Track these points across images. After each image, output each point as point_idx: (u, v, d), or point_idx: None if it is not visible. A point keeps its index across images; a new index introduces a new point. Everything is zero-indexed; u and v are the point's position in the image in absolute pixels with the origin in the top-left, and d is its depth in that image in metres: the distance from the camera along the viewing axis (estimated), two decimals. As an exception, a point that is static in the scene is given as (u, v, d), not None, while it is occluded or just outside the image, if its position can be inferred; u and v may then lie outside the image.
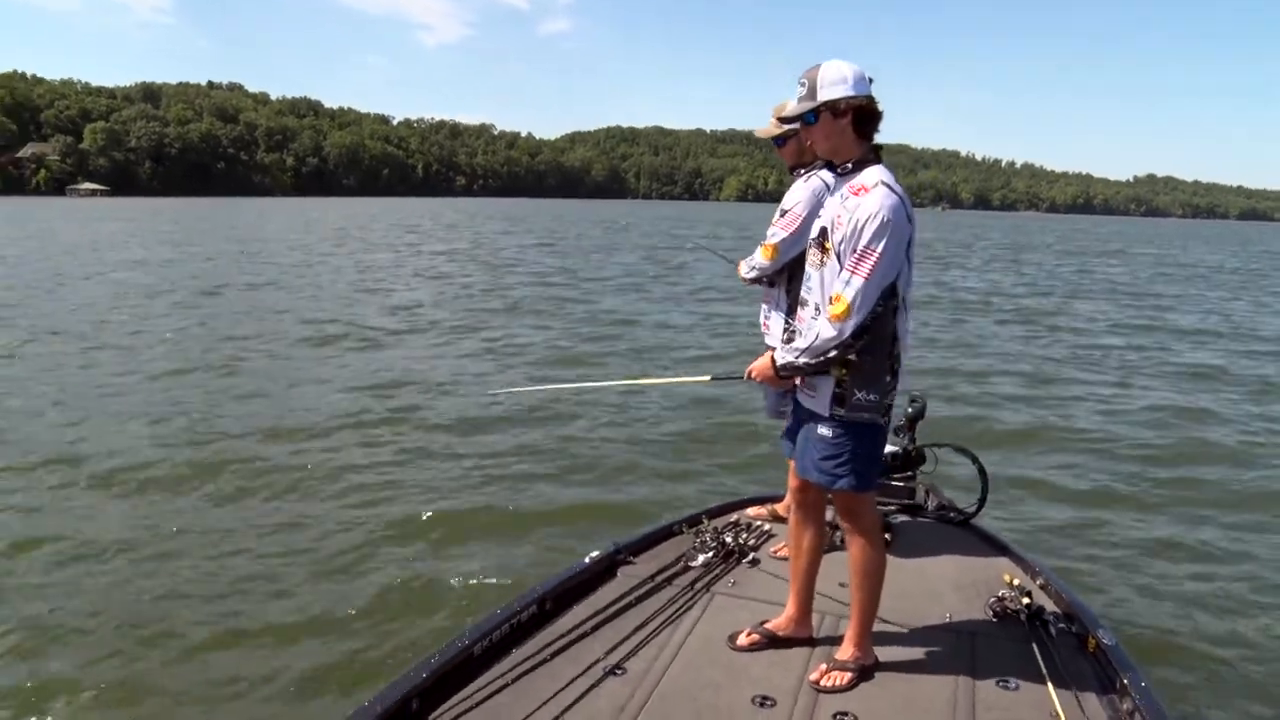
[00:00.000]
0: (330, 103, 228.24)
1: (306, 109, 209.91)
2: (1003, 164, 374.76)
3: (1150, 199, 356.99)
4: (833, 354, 2.85)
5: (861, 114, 2.89)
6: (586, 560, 3.85)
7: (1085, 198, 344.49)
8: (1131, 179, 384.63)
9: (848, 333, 2.81)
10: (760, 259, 3.92)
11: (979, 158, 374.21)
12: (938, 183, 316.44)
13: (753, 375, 3.23)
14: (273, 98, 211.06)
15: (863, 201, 2.82)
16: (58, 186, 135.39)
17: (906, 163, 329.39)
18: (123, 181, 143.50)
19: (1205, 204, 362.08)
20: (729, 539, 4.13)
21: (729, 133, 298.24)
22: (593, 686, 2.95)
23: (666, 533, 4.28)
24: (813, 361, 2.91)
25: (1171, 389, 12.05)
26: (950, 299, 22.08)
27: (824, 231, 2.96)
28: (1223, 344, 16.24)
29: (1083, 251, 50.23)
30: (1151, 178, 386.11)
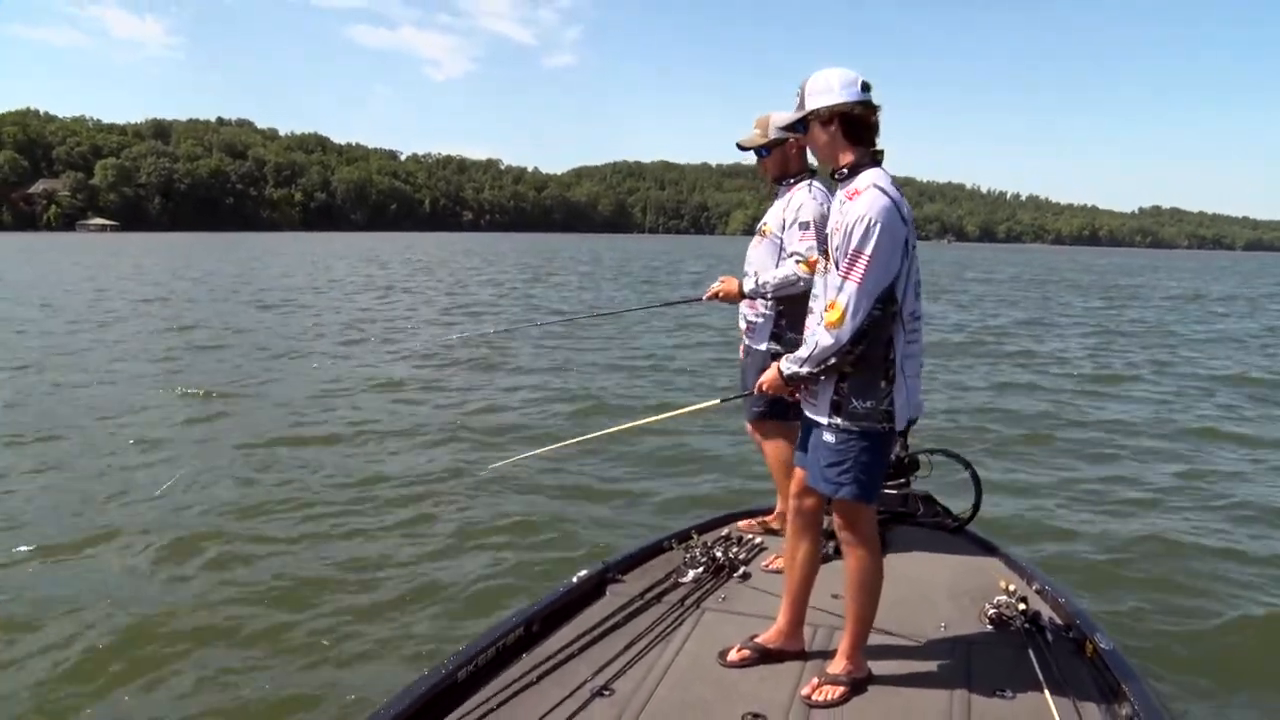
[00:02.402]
0: (338, 138, 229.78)
1: (314, 144, 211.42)
2: (1008, 196, 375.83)
3: (1156, 230, 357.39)
4: (832, 361, 2.87)
5: (847, 120, 2.89)
6: (574, 580, 3.81)
7: (1091, 229, 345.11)
8: (1137, 210, 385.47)
9: (844, 339, 2.82)
10: (805, 272, 3.79)
11: (984, 190, 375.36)
12: (943, 216, 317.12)
13: (763, 388, 3.20)
14: (281, 133, 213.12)
15: (853, 205, 2.82)
16: (68, 222, 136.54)
17: (912, 195, 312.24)
18: (132, 217, 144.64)
19: (1211, 235, 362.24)
20: (719, 554, 4.07)
21: (735, 167, 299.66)
22: (579, 709, 2.92)
23: (656, 549, 4.22)
24: (815, 370, 2.93)
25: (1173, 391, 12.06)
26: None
27: (827, 239, 3.00)
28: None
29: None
30: (1157, 209, 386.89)
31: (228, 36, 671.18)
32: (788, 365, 3.03)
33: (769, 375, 3.15)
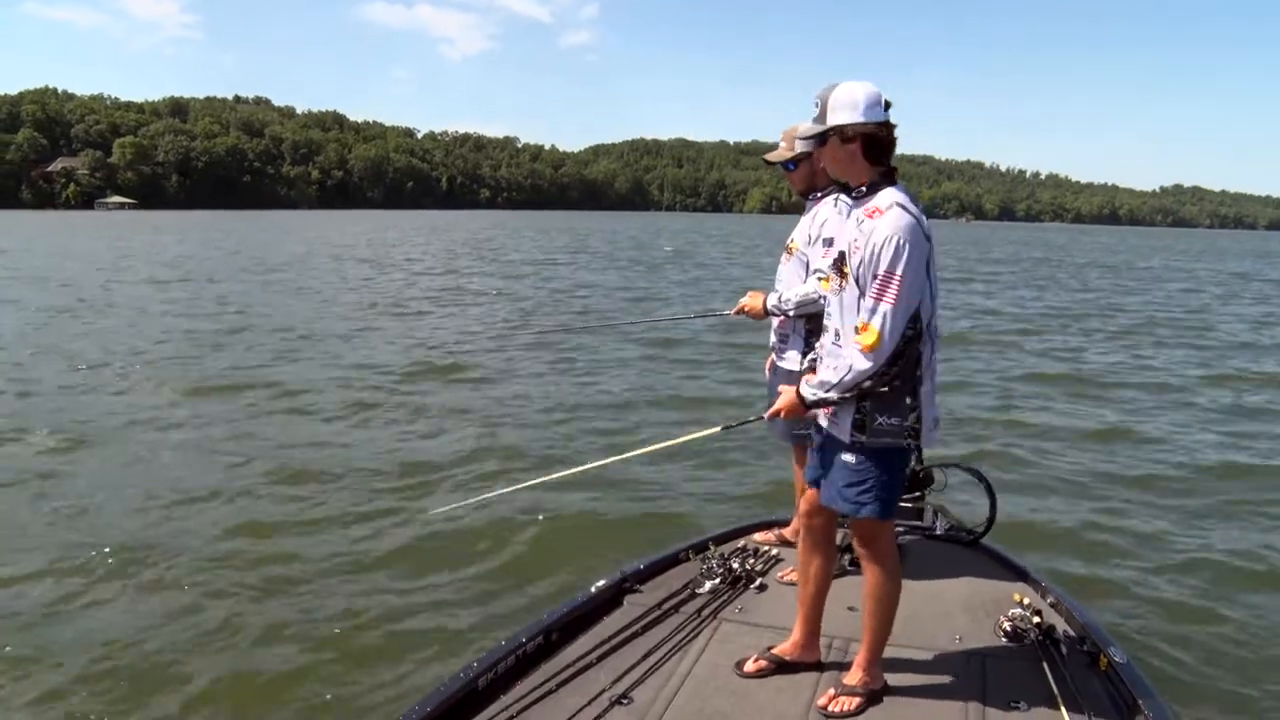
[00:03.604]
0: (355, 116, 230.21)
1: (332, 122, 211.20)
2: (1027, 175, 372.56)
3: (1177, 209, 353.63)
4: (867, 385, 2.82)
5: (870, 141, 2.85)
6: (593, 589, 3.85)
7: (1111, 208, 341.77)
8: (1158, 189, 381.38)
9: (882, 362, 2.78)
10: (825, 289, 3.75)
11: (1003, 168, 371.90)
12: (961, 194, 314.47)
13: (781, 414, 3.16)
14: (298, 111, 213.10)
15: (878, 225, 2.79)
16: (86, 200, 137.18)
17: (930, 174, 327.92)
18: (150, 194, 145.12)
19: (1233, 214, 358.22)
20: (736, 565, 4.10)
21: (752, 145, 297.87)
22: (598, 717, 2.94)
23: (673, 560, 4.26)
24: (845, 395, 2.87)
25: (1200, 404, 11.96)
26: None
27: (842, 256, 2.94)
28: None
29: None
30: (1178, 188, 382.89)
31: (244, 14, 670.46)
32: (812, 391, 2.98)
33: (787, 400, 3.11)
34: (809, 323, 3.92)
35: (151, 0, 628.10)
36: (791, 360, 4.00)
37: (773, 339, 4.23)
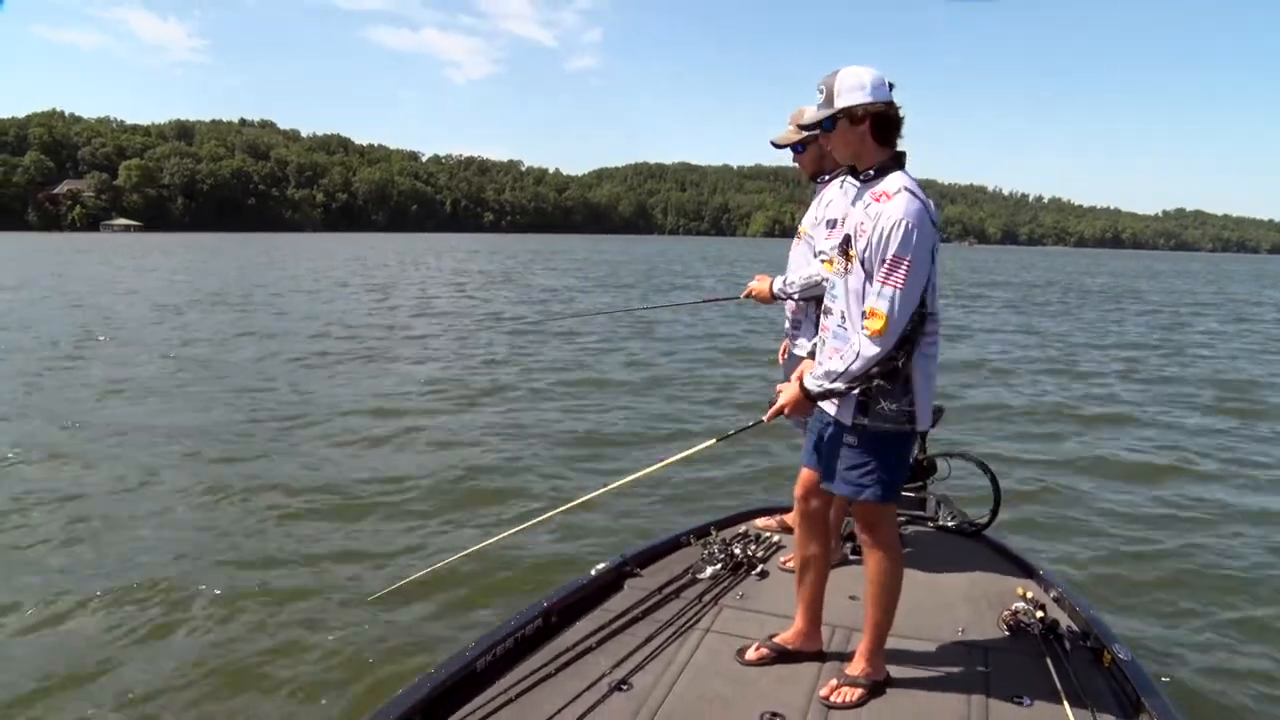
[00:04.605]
0: (360, 139, 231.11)
1: (336, 145, 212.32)
2: (1030, 199, 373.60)
3: (1179, 233, 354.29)
4: (875, 370, 2.81)
5: (880, 120, 2.86)
6: (593, 573, 3.81)
7: (1114, 232, 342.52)
8: (1160, 213, 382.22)
9: (890, 346, 2.77)
10: (828, 272, 3.77)
11: (1006, 192, 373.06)
12: (964, 217, 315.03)
13: (785, 413, 3.10)
14: (303, 134, 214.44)
15: (886, 208, 2.78)
16: (92, 222, 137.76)
17: (933, 197, 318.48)
18: (156, 217, 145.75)
19: (1235, 238, 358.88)
20: (737, 550, 4.07)
21: (755, 169, 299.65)
22: (598, 702, 2.92)
23: (674, 544, 4.23)
24: (852, 384, 2.85)
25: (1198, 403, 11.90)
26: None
27: (847, 239, 2.92)
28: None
29: None
30: (1181, 211, 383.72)
31: (250, 38, 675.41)
32: (816, 383, 2.94)
33: (790, 397, 3.05)
34: (821, 308, 3.89)
35: (159, 23, 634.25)
36: (805, 346, 3.98)
37: (786, 325, 4.23)
